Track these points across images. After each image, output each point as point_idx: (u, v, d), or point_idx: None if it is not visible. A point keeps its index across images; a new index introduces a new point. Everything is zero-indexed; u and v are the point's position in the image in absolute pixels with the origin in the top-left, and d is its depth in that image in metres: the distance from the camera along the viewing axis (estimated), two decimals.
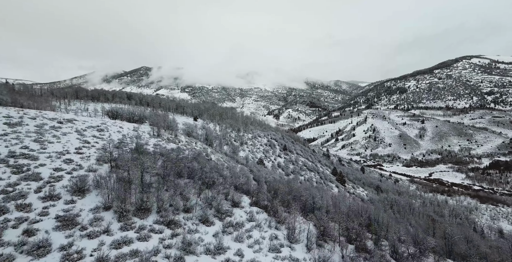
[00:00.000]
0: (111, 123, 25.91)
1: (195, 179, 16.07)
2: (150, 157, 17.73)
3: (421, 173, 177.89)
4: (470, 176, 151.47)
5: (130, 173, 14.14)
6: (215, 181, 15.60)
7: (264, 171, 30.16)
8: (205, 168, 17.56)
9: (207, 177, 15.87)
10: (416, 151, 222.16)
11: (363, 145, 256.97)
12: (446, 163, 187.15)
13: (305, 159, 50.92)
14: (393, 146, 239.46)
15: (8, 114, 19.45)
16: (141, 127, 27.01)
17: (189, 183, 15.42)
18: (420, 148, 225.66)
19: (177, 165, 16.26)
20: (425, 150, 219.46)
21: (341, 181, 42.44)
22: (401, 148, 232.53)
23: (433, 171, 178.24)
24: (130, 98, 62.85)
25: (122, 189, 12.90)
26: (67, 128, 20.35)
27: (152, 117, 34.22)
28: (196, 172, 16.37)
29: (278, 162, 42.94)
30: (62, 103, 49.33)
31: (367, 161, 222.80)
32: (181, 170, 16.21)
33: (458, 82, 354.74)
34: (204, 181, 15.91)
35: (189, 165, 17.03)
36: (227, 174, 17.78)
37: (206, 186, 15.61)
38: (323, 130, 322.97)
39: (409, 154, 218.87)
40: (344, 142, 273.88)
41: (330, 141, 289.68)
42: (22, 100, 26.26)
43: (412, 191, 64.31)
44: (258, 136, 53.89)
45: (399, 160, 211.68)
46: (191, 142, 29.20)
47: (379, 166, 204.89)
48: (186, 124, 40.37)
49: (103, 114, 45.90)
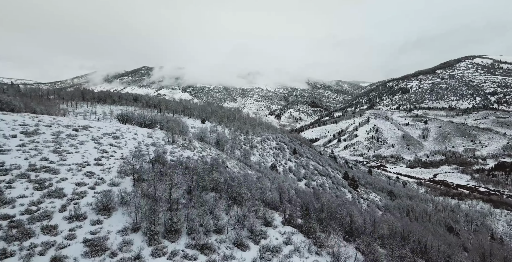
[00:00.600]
0: (125, 130, 25.17)
1: (221, 193, 15.29)
2: (173, 169, 16.97)
3: (425, 174, 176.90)
4: (475, 177, 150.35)
5: (156, 188, 13.36)
6: (242, 196, 14.79)
7: (280, 178, 29.38)
8: (229, 179, 16.76)
9: (234, 191, 15.08)
10: (419, 151, 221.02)
11: (366, 146, 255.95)
12: (451, 164, 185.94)
13: (316, 162, 50.06)
14: (396, 146, 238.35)
15: (24, 122, 18.75)
16: (155, 134, 26.27)
17: (216, 198, 14.64)
18: (423, 149, 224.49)
19: (202, 178, 15.48)
20: (429, 150, 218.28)
21: (354, 185, 41.57)
22: (404, 149, 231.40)
23: (437, 172, 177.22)
24: (136, 100, 62.13)
25: (150, 207, 12.13)
26: (83, 136, 19.62)
27: (164, 121, 33.47)
28: (221, 185, 15.58)
29: (289, 167, 42.16)
30: (70, 106, 48.66)
31: (370, 162, 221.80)
32: (206, 183, 15.44)
33: (461, 82, 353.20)
34: (230, 195, 15.13)
35: (213, 177, 16.24)
36: (252, 187, 16.99)
37: (233, 201, 14.83)
38: (325, 130, 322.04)
39: (413, 155, 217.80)
40: (347, 143, 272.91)
41: (333, 141, 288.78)
42: (34, 105, 25.54)
43: (421, 195, 63.37)
44: (267, 139, 53.08)
45: (403, 161, 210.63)
46: (205, 148, 28.42)
47: (382, 167, 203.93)
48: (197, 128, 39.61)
49: (111, 117, 45.29)
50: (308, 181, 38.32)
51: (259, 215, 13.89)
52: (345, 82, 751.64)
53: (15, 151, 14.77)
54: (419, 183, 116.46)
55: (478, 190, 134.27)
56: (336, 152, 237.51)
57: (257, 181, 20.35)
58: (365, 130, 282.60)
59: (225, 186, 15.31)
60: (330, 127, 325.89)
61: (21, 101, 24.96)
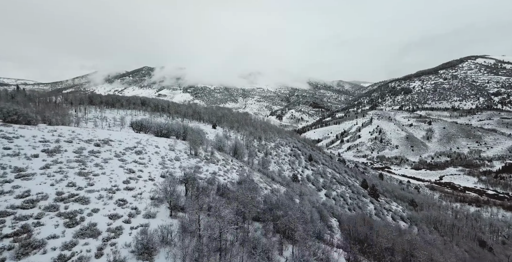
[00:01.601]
0: (145, 142, 23.64)
1: (266, 223, 13.67)
2: (206, 192, 15.39)
3: (431, 176, 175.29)
4: (483, 179, 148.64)
5: (200, 224, 11.74)
6: (292, 228, 13.15)
7: (306, 191, 27.78)
8: (270, 204, 15.15)
9: (282, 223, 13.44)
10: (424, 153, 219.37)
11: (369, 147, 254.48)
12: (456, 165, 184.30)
13: (332, 169, 48.43)
14: (400, 147, 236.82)
15: (44, 138, 17.24)
16: (176, 146, 24.72)
17: (263, 231, 13.02)
18: (428, 150, 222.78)
19: (244, 204, 13.87)
20: (434, 152, 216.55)
21: (374, 195, 39.92)
22: (408, 150, 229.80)
23: (443, 174, 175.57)
24: (145, 104, 60.53)
25: (195, 249, 10.50)
26: (105, 152, 18.06)
27: (180, 130, 31.86)
28: (266, 215, 13.96)
29: (307, 175, 40.56)
30: (79, 111, 47.11)
31: (374, 163, 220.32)
32: (250, 213, 13.83)
33: (463, 82, 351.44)
34: (278, 228, 13.49)
35: (254, 203, 14.63)
36: (294, 210, 15.36)
37: (282, 234, 13.21)
38: (328, 131, 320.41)
39: (417, 156, 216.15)
40: (350, 144, 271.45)
41: (335, 142, 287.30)
42: (50, 116, 23.95)
43: (438, 201, 61.54)
44: (280, 145, 51.47)
45: (407, 163, 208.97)
46: (226, 159, 26.86)
47: (387, 168, 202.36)
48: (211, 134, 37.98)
49: (123, 124, 43.71)
50: (328, 191, 36.71)
51: (318, 256, 12.21)
52: (346, 83, 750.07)
53: (39, 175, 13.24)
54: (430, 187, 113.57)
55: (486, 192, 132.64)
56: (340, 153, 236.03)
57: (298, 205, 18.72)
58: (368, 131, 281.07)
59: (270, 216, 13.67)
60: (333, 128, 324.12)
61: (36, 112, 23.42)
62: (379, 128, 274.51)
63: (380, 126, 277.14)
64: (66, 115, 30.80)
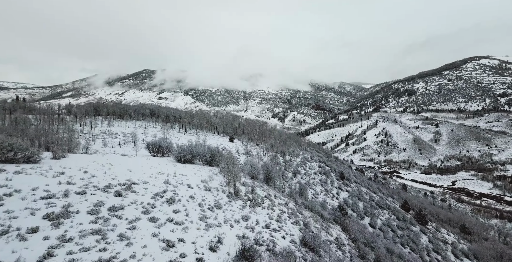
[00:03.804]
0: (173, 179, 18.97)
1: None
2: None
3: (443, 181, 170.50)
4: (498, 185, 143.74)
5: None
6: None
7: (369, 234, 22.95)
8: None
9: None
10: (433, 156, 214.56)
11: (376, 150, 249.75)
12: (468, 170, 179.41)
13: (366, 189, 43.58)
14: (408, 151, 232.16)
15: (48, 191, 12.43)
16: (212, 184, 19.89)
17: None
18: (437, 153, 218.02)
19: None
20: (443, 155, 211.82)
21: (422, 221, 34.93)
22: (416, 153, 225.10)
23: (455, 178, 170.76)
24: (154, 114, 55.73)
25: None
26: (130, 207, 13.22)
27: (206, 153, 27.06)
28: None
29: (343, 199, 35.75)
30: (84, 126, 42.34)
31: (382, 167, 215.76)
32: None
33: (469, 83, 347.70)
34: None
35: None
36: None
37: None
38: (332, 134, 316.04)
39: (426, 160, 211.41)
40: (355, 147, 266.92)
41: (340, 146, 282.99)
42: (55, 148, 19.18)
43: (473, 218, 56.45)
44: (306, 160, 46.71)
45: (416, 167, 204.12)
46: (269, 196, 22.14)
47: (395, 173, 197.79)
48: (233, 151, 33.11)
49: (136, 141, 38.96)
50: (372, 219, 31.89)
51: None
52: (348, 84, 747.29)
53: None
54: (458, 199, 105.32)
55: (504, 199, 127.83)
56: (345, 157, 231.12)
57: None
58: (373, 134, 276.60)
59: None
60: (337, 131, 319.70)
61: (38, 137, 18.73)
62: (385, 131, 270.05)
63: (386, 129, 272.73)
64: (72, 139, 25.96)
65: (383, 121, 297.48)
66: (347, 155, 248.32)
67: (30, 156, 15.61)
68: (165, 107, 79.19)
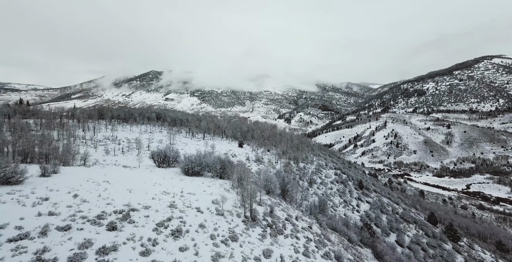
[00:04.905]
0: (179, 201, 16.31)
1: None
2: None
3: (456, 184, 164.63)
4: None
5: None
6: None
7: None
8: None
9: None
10: (445, 158, 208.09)
11: (385, 152, 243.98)
12: (483, 173, 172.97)
13: (387, 199, 40.25)
14: (419, 153, 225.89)
15: (20, 227, 9.74)
16: (224, 205, 17.12)
17: None
18: (449, 156, 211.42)
19: None
20: (455, 157, 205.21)
21: (454, 237, 31.39)
22: (427, 156, 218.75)
23: (470, 182, 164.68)
24: (160, 118, 53.38)
25: None
26: (126, 247, 10.46)
27: (216, 164, 24.35)
28: None
29: (365, 211, 32.64)
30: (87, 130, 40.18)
31: (392, 170, 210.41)
32: None
33: (481, 83, 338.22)
34: None
35: None
36: None
37: None
38: (340, 135, 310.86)
39: (438, 162, 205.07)
40: (364, 148, 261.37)
41: (348, 147, 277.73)
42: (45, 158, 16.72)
43: (504, 230, 52.30)
44: (321, 167, 43.64)
45: (428, 169, 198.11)
46: (290, 218, 19.27)
47: (406, 175, 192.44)
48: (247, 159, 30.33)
49: (139, 148, 36.57)
50: (399, 236, 28.70)
51: None
52: (355, 84, 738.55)
53: None
54: (479, 206, 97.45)
55: None
56: (354, 159, 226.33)
57: None
58: (382, 135, 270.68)
59: None
60: (345, 132, 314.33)
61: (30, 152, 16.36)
62: (394, 132, 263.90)
63: (395, 130, 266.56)
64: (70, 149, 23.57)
65: (392, 122, 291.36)
66: (356, 156, 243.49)
67: (11, 176, 13.11)
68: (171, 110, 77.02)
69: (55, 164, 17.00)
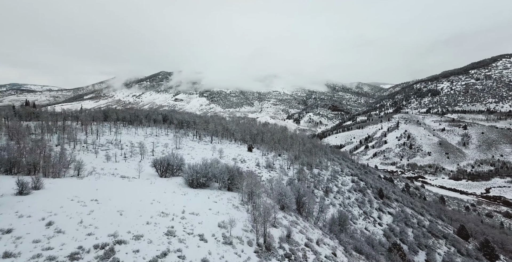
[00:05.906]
0: (181, 227, 13.70)
1: None
2: None
3: (474, 188, 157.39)
4: None
5: None
6: None
7: None
8: None
9: None
10: (461, 161, 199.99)
11: (398, 153, 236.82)
12: (503, 176, 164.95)
13: (411, 209, 36.79)
14: (433, 155, 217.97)
15: None
16: (233, 228, 14.41)
17: None
18: (466, 158, 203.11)
19: None
20: (473, 160, 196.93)
21: (491, 255, 27.83)
22: (443, 158, 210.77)
23: (489, 185, 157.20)
24: (166, 120, 51.32)
25: None
26: None
27: (224, 174, 21.70)
28: None
29: (388, 224, 29.37)
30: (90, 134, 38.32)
31: (405, 172, 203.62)
32: None
33: (499, 83, 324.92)
34: None
35: None
36: None
37: None
38: (351, 136, 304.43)
39: (454, 165, 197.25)
40: (376, 150, 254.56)
41: (360, 148, 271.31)
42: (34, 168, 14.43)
43: None
44: (337, 174, 40.49)
45: (444, 172, 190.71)
46: (310, 243, 16.44)
47: (420, 178, 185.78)
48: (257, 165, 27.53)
49: (142, 153, 34.37)
50: (429, 254, 25.39)
51: None
52: (365, 84, 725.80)
53: None
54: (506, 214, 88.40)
55: None
56: (365, 160, 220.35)
57: None
58: (395, 136, 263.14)
59: None
60: (356, 133, 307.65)
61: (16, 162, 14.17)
62: (407, 133, 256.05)
63: (408, 131, 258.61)
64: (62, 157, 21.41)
65: (405, 123, 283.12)
66: (367, 158, 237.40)
67: None
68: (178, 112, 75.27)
69: (38, 178, 14.67)
